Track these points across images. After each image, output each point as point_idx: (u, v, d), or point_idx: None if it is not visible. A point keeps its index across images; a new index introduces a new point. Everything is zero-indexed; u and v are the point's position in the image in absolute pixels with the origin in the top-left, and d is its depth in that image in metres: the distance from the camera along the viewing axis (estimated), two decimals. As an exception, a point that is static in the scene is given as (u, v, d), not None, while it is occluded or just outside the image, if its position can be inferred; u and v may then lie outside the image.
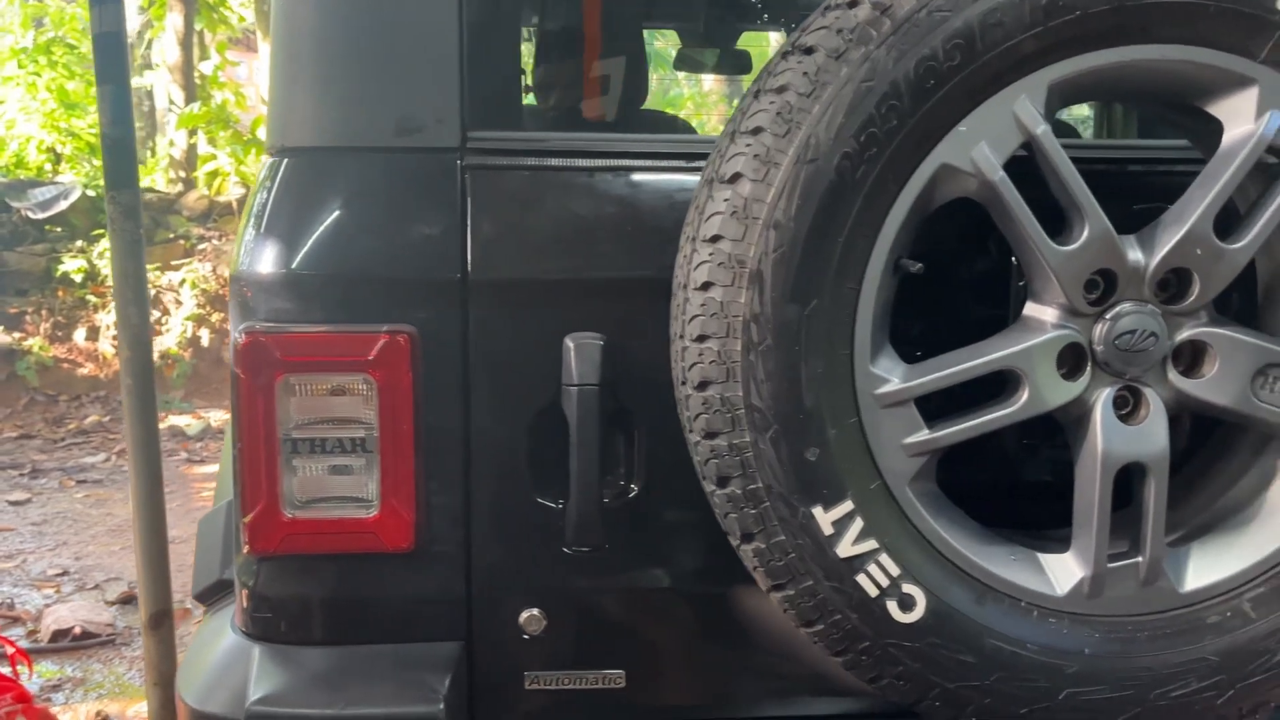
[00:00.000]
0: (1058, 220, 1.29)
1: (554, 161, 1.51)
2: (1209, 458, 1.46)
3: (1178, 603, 1.34)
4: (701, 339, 1.26)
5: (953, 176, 1.25)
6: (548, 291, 1.49)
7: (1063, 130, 2.93)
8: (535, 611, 1.53)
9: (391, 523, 1.47)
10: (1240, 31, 1.22)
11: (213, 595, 1.84)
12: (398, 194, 1.48)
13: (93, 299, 8.02)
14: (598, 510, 1.48)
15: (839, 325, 1.26)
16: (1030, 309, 1.31)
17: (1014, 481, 1.55)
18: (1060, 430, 1.36)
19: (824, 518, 1.26)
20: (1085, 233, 1.26)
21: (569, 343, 1.46)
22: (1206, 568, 1.35)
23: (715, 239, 1.24)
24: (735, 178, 1.23)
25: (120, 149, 2.78)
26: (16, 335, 7.79)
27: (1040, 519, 1.43)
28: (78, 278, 7.99)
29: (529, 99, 2.60)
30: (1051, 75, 1.23)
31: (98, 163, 8.20)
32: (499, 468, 1.50)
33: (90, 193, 8.28)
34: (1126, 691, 1.31)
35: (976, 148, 1.24)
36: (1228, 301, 1.42)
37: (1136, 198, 1.34)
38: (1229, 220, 1.30)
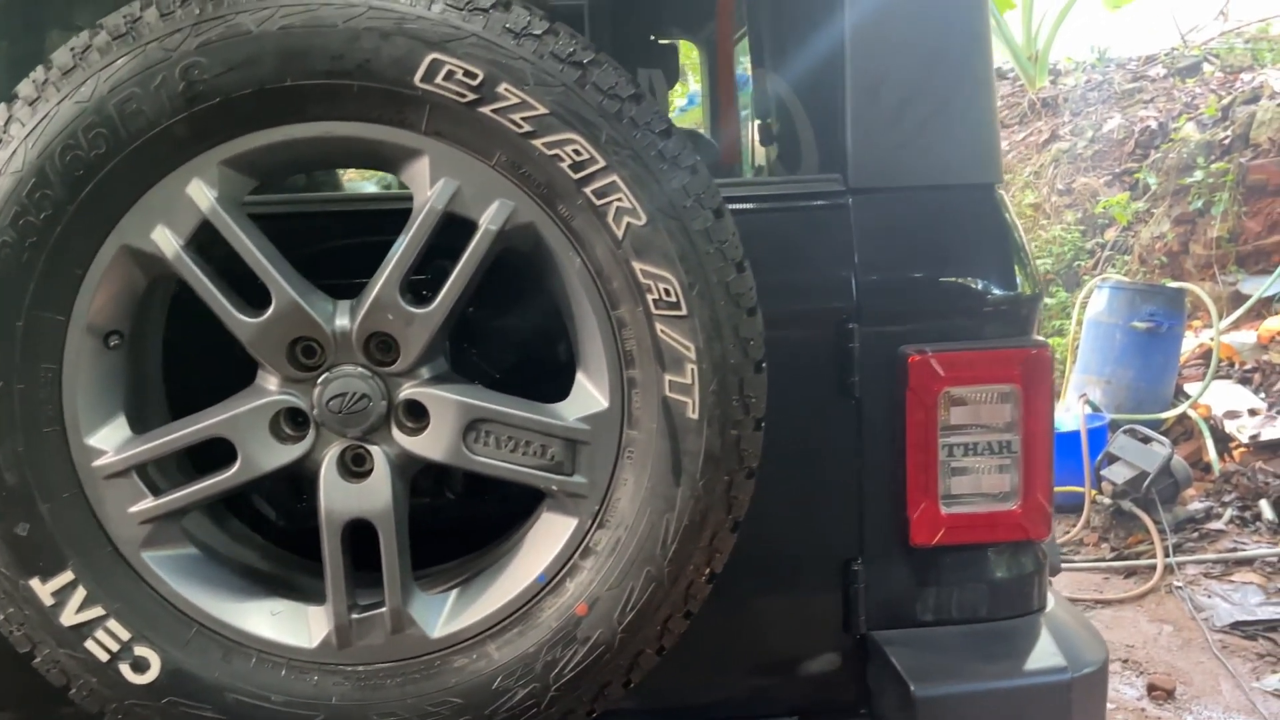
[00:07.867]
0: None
1: None
2: (479, 512, 1.51)
3: (428, 648, 1.39)
4: None
5: (143, 257, 1.29)
6: None
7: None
8: None
9: None
10: (392, 107, 1.26)
11: None
12: None
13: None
14: None
15: (40, 404, 1.30)
16: (260, 375, 1.36)
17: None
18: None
19: (43, 589, 1.31)
20: (274, 304, 1.30)
21: None
22: (459, 613, 1.39)
23: None
24: None
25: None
26: None
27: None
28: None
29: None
30: (221, 155, 1.28)
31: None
32: None
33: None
34: None
35: (157, 229, 1.28)
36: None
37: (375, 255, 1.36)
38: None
